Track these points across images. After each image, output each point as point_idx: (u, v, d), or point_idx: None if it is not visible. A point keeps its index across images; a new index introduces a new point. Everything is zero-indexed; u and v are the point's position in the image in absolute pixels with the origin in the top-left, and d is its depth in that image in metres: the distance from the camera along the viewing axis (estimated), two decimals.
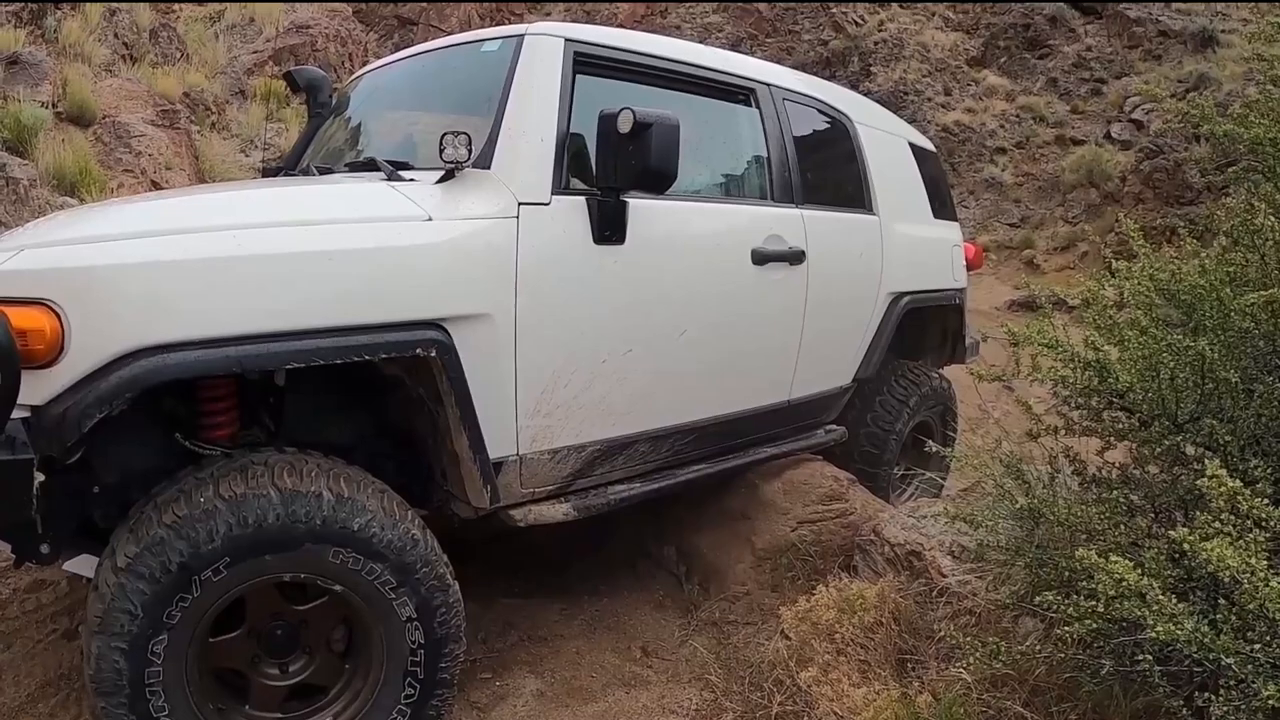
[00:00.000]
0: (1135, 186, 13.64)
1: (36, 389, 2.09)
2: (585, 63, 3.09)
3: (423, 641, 2.55)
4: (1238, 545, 1.38)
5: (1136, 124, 15.33)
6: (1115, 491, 2.33)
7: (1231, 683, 1.52)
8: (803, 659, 2.89)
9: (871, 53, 19.25)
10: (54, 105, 8.68)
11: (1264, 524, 1.45)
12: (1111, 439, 2.51)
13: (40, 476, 2.11)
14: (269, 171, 4.27)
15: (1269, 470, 1.95)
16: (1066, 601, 1.94)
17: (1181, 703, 1.83)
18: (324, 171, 3.43)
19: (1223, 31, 16.14)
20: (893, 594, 3.09)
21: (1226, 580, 1.41)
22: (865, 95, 5.90)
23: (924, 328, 5.14)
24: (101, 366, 2.11)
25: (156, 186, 4.68)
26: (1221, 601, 1.61)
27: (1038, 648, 2.34)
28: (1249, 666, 1.47)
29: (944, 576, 3.14)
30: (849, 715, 2.54)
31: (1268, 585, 1.33)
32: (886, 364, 4.67)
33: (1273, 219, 2.33)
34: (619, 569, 4.21)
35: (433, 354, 2.52)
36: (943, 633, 2.70)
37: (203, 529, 2.23)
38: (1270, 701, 1.38)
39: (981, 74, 18.33)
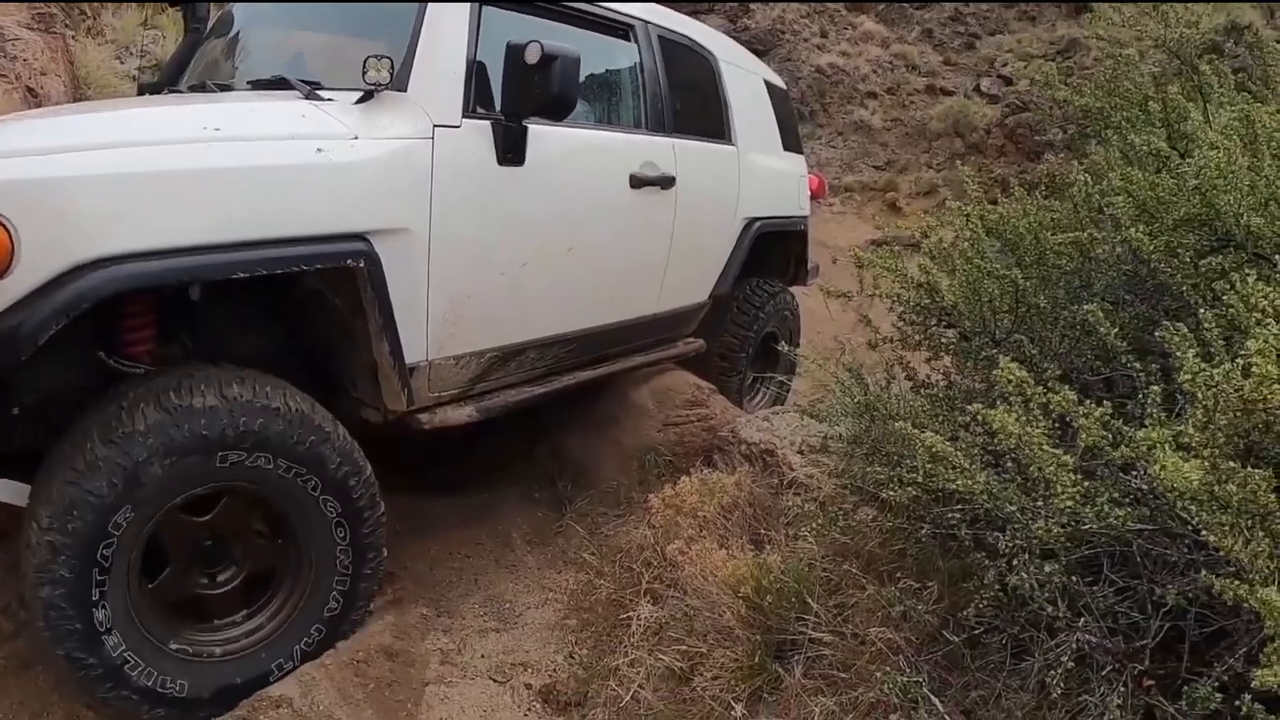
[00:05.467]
0: (998, 139, 13.93)
1: None
2: None
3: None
4: (1019, 420, 1.82)
5: (1005, 80, 15.64)
6: (940, 392, 2.79)
7: (1016, 525, 1.98)
8: (669, 537, 3.22)
9: None
10: None
11: (1046, 408, 1.88)
12: (939, 351, 2.87)
13: None
14: (146, 87, 4.06)
15: (1059, 374, 2.40)
16: (893, 473, 2.35)
17: (984, 554, 2.26)
18: (223, 88, 3.41)
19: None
20: (749, 483, 3.46)
21: (1011, 447, 1.85)
22: (743, 32, 6.13)
23: (771, 251, 5.51)
24: (53, 279, 2.12)
25: (31, 93, 4.55)
26: (1009, 464, 2.07)
27: (870, 519, 2.78)
28: (1028, 513, 1.94)
29: (793, 470, 3.52)
30: (710, 573, 2.88)
31: (1042, 449, 1.77)
32: (738, 282, 5.07)
33: (1085, 176, 2.78)
34: (497, 470, 4.45)
35: (360, 264, 2.68)
36: (793, 510, 3.14)
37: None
38: (1040, 533, 1.85)
39: (859, 19, 18.26)
